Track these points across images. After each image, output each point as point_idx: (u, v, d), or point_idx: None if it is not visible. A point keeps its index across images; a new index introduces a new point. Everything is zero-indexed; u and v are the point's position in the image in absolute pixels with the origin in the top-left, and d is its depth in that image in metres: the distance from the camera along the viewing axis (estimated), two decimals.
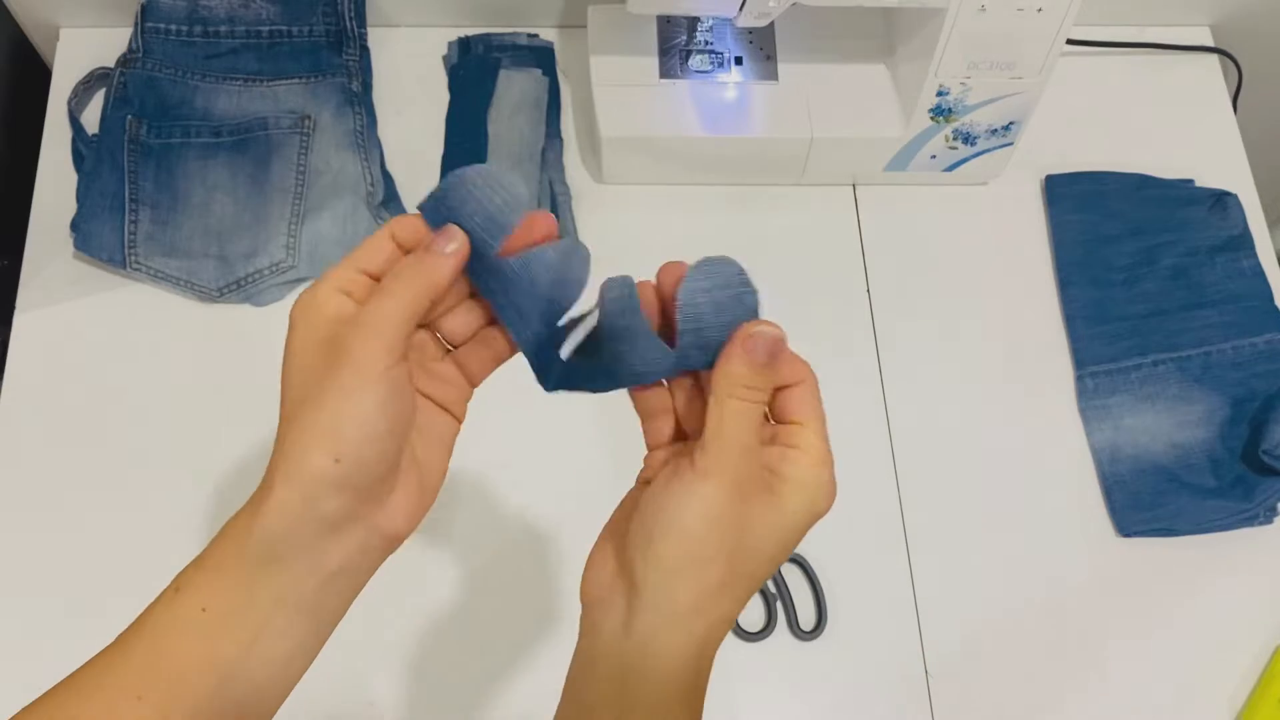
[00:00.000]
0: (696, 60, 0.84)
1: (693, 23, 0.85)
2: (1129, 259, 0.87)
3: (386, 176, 0.87)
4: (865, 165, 0.88)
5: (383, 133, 0.88)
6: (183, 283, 0.81)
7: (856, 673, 0.74)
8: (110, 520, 0.75)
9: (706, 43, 0.85)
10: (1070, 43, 0.83)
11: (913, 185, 0.90)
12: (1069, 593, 0.78)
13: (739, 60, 0.85)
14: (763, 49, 0.85)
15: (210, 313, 0.82)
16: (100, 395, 0.79)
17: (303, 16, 0.88)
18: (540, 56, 0.91)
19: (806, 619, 0.75)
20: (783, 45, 0.85)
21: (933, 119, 0.82)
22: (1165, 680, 0.75)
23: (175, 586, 0.39)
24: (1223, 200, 0.89)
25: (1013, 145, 0.86)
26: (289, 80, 0.88)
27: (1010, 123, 0.83)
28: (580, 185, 0.88)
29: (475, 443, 0.78)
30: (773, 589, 0.76)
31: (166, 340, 0.81)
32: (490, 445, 0.79)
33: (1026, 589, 0.77)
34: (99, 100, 0.87)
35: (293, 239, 0.83)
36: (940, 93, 0.80)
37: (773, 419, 0.43)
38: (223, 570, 0.39)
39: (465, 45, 0.91)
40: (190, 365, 0.79)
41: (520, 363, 0.45)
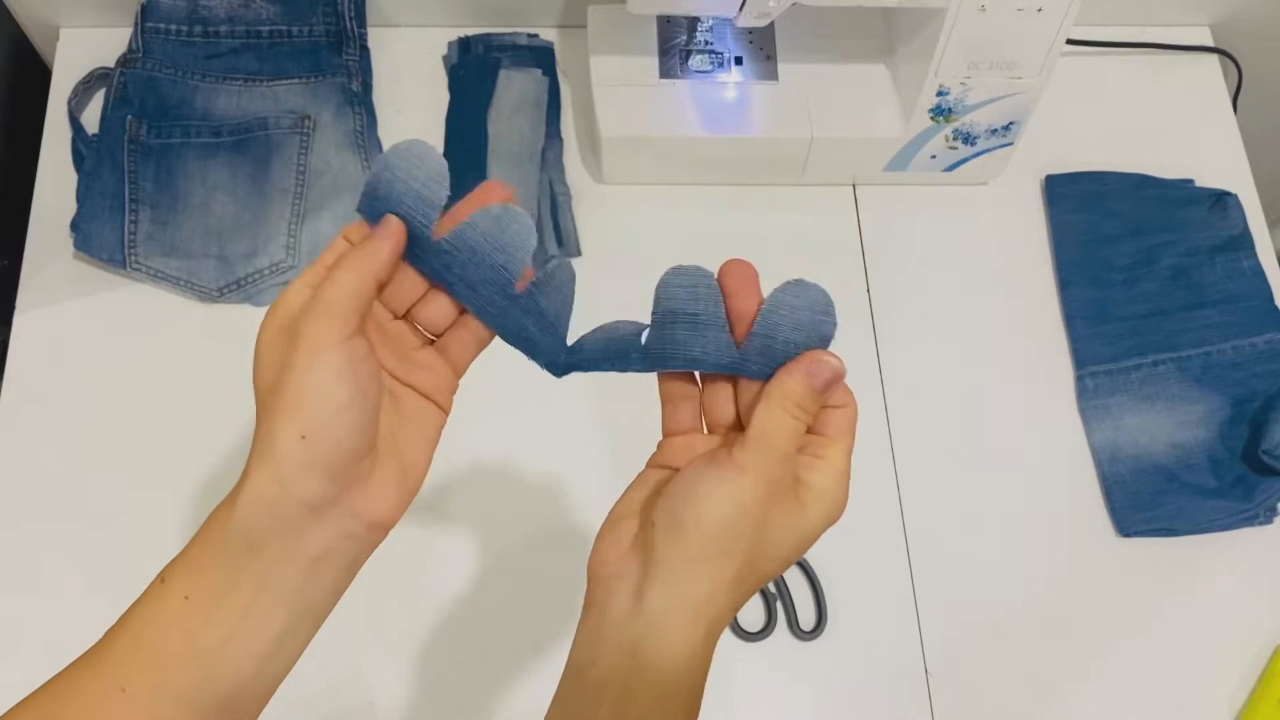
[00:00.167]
0: (696, 60, 0.84)
1: (693, 23, 0.85)
2: (1129, 259, 0.87)
3: None
4: (865, 165, 0.88)
5: (383, 133, 0.88)
6: (183, 283, 0.81)
7: (856, 673, 0.74)
8: (110, 520, 0.75)
9: (706, 43, 0.85)
10: (1070, 43, 0.83)
11: (913, 185, 0.90)
12: (1069, 593, 0.78)
13: (739, 60, 0.85)
14: (763, 49, 0.85)
15: (210, 313, 0.82)
16: (100, 395, 0.79)
17: (303, 16, 0.88)
18: (540, 56, 0.91)
19: (806, 619, 0.75)
20: (783, 45, 0.85)
21: (933, 119, 0.82)
22: (1165, 680, 0.75)
23: (161, 578, 0.40)
24: (1223, 200, 0.89)
25: (1013, 145, 0.86)
26: (289, 80, 0.88)
27: (1010, 123, 0.83)
28: (580, 185, 0.88)
29: (475, 443, 0.79)
30: (773, 589, 0.76)
31: (166, 340, 0.81)
32: (490, 446, 0.79)
33: (1026, 589, 0.77)
34: (99, 100, 0.87)
35: (293, 239, 0.83)
36: (940, 93, 0.80)
37: (808, 430, 0.45)
38: (205, 559, 0.39)
39: (465, 45, 0.91)
40: (190, 365, 0.79)
41: (521, 356, 0.45)
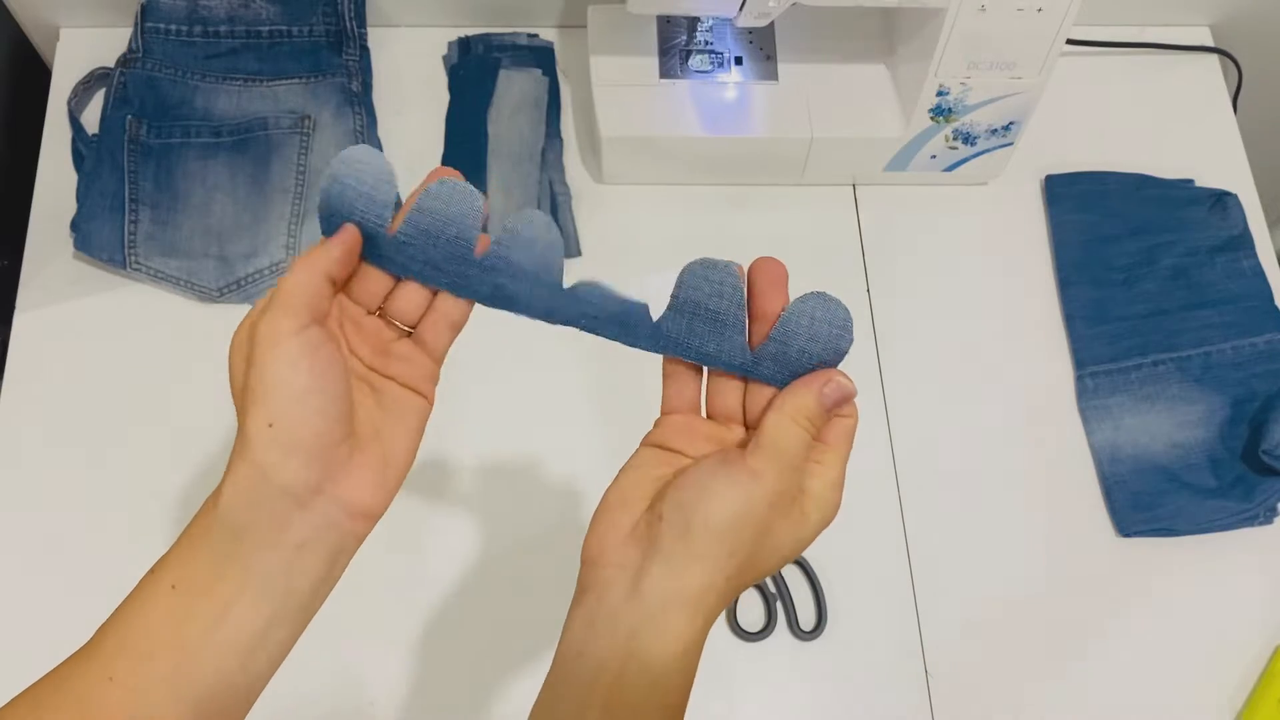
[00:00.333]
0: (696, 60, 0.84)
1: (693, 23, 0.85)
2: (1129, 259, 0.87)
3: None
4: (865, 165, 0.88)
5: (383, 133, 0.88)
6: (183, 283, 0.81)
7: (856, 673, 0.74)
8: (110, 520, 0.75)
9: (706, 43, 0.85)
10: (1070, 43, 0.83)
11: (913, 185, 0.90)
12: (1069, 593, 0.78)
13: (739, 60, 0.85)
14: (763, 49, 0.85)
15: (210, 313, 0.82)
16: (100, 395, 0.79)
17: (303, 16, 0.88)
18: (540, 56, 0.91)
19: (806, 619, 0.75)
20: (783, 45, 0.85)
21: (933, 119, 0.82)
22: (1165, 680, 0.75)
23: (152, 570, 0.41)
24: (1223, 200, 0.89)
25: (1013, 145, 0.86)
26: (289, 80, 0.88)
27: (1010, 123, 0.83)
28: (580, 185, 0.88)
29: (470, 439, 0.79)
30: (772, 589, 0.76)
31: (166, 340, 0.81)
32: (485, 441, 0.79)
33: (1026, 588, 0.77)
34: (99, 100, 0.87)
35: (293, 239, 0.83)
36: (940, 93, 0.80)
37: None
38: (192, 550, 0.41)
39: (465, 45, 0.91)
40: (190, 365, 0.79)
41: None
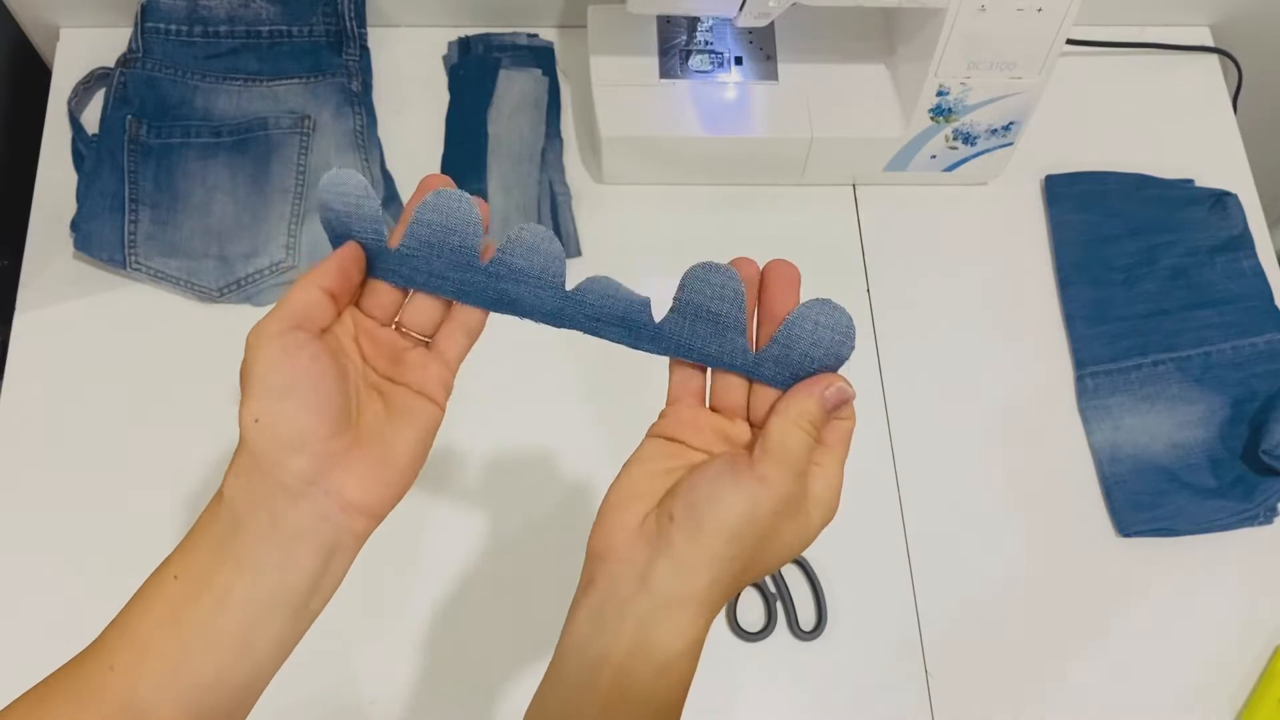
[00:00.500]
0: (696, 60, 0.84)
1: (693, 23, 0.85)
2: (1129, 259, 0.87)
3: (386, 176, 0.87)
4: (865, 165, 0.88)
5: (383, 133, 0.88)
6: (183, 283, 0.81)
7: (856, 673, 0.74)
8: (110, 520, 0.75)
9: (706, 43, 0.85)
10: (1070, 43, 0.83)
11: (913, 185, 0.90)
12: (1069, 593, 0.78)
13: (739, 60, 0.85)
14: (763, 49, 0.85)
15: (210, 313, 0.82)
16: (100, 395, 0.79)
17: (303, 16, 0.88)
18: (540, 56, 0.91)
19: (806, 619, 0.75)
20: (783, 45, 0.85)
21: (933, 119, 0.82)
22: (1165, 680, 0.75)
23: (161, 563, 0.42)
24: (1223, 200, 0.89)
25: (1013, 145, 0.86)
26: (289, 80, 0.88)
27: (1010, 123, 0.83)
28: (580, 185, 0.88)
29: (473, 442, 0.79)
30: (772, 589, 0.76)
31: (166, 340, 0.81)
32: (489, 443, 0.79)
33: (1026, 588, 0.77)
34: (99, 100, 0.87)
35: (293, 239, 0.83)
36: (940, 93, 0.80)
37: None
38: (196, 541, 0.42)
39: (465, 45, 0.91)
40: (190, 365, 0.79)
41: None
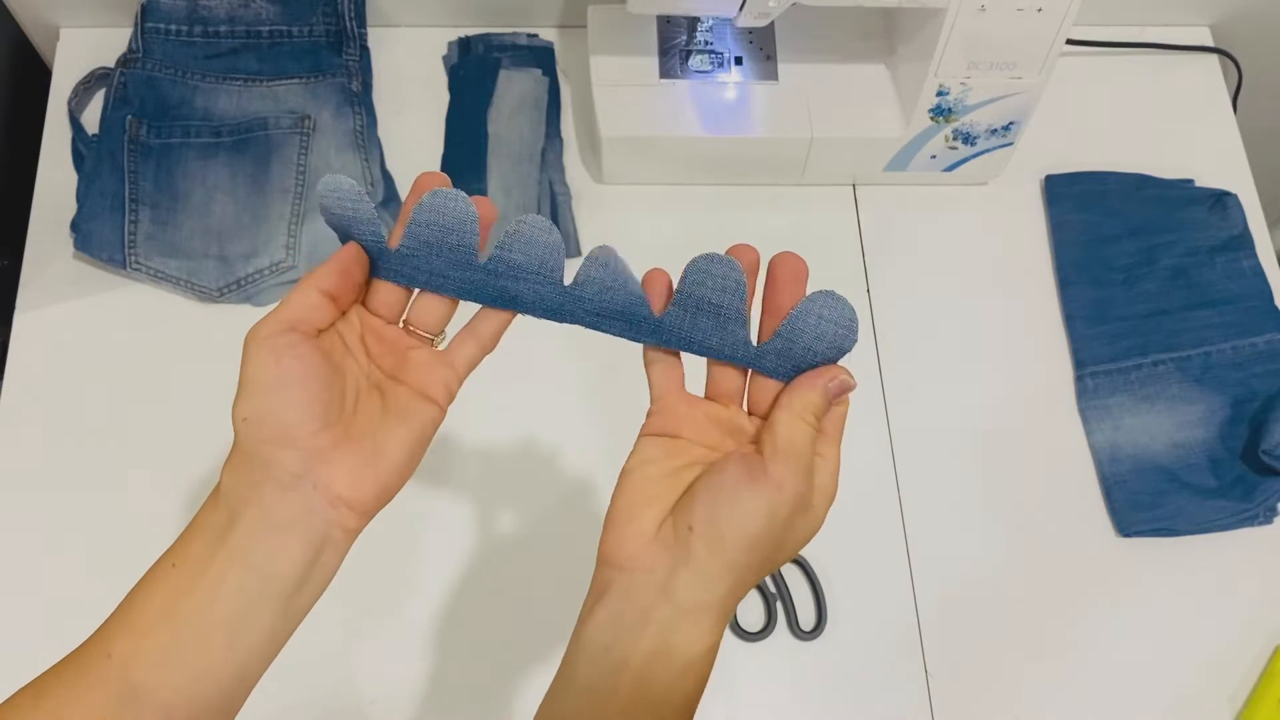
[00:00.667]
0: (696, 60, 0.84)
1: (693, 23, 0.85)
2: (1129, 259, 0.87)
3: (386, 176, 0.87)
4: (865, 165, 0.88)
5: (383, 133, 0.88)
6: (183, 283, 0.81)
7: (856, 673, 0.74)
8: (110, 520, 0.75)
9: (706, 43, 0.85)
10: (1070, 43, 0.83)
11: (913, 185, 0.90)
12: (1069, 593, 0.78)
13: (739, 60, 0.85)
14: (763, 49, 0.85)
15: (210, 313, 0.82)
16: (100, 395, 0.79)
17: (303, 16, 0.88)
18: (540, 56, 0.91)
19: (806, 619, 0.75)
20: (783, 45, 0.85)
21: (933, 119, 0.82)
22: (1165, 680, 0.75)
23: (165, 551, 0.43)
24: (1223, 200, 0.89)
25: (1013, 145, 0.86)
26: (289, 80, 0.88)
27: (1010, 123, 0.83)
28: (580, 185, 0.88)
29: (473, 441, 0.79)
30: (772, 589, 0.76)
31: (166, 340, 0.81)
32: (488, 441, 0.79)
33: (1026, 588, 0.77)
34: (99, 100, 0.87)
35: (293, 239, 0.83)
36: (940, 93, 0.80)
37: None
38: (195, 530, 0.43)
39: (465, 45, 0.91)
40: (190, 365, 0.79)
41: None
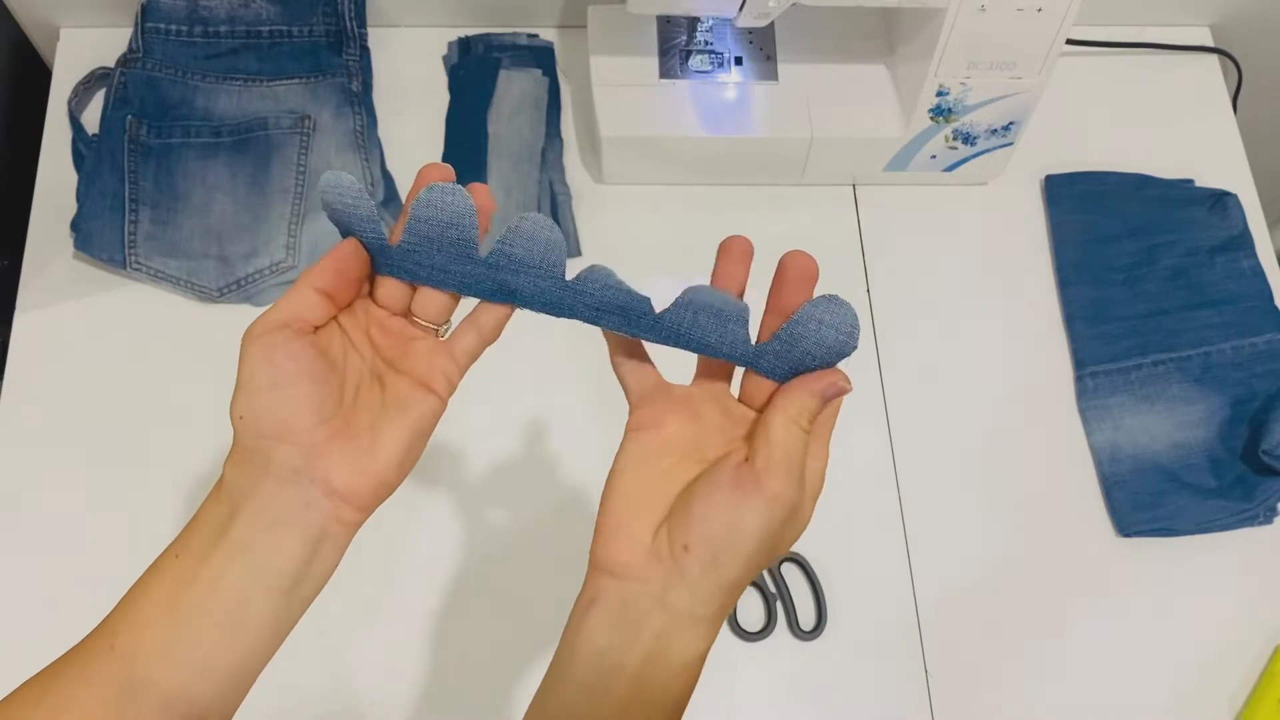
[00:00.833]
0: (696, 60, 0.84)
1: (693, 23, 0.85)
2: (1129, 259, 0.87)
3: (386, 176, 0.87)
4: (865, 165, 0.88)
5: (383, 133, 0.88)
6: (183, 283, 0.81)
7: (856, 673, 0.74)
8: (110, 520, 0.75)
9: (706, 43, 0.85)
10: (1070, 43, 0.83)
11: (913, 185, 0.90)
12: (1069, 593, 0.78)
13: (739, 60, 0.85)
14: (763, 49, 0.85)
15: (210, 313, 0.82)
16: (100, 395, 0.79)
17: (303, 16, 0.88)
18: (540, 56, 0.91)
19: (806, 619, 0.75)
20: (783, 45, 0.85)
21: (933, 119, 0.82)
22: (1165, 680, 0.75)
23: (169, 545, 0.43)
24: (1223, 200, 0.89)
25: (1013, 145, 0.86)
26: (289, 80, 0.88)
27: (1010, 123, 0.83)
28: (580, 185, 0.88)
29: (477, 443, 0.79)
30: (772, 589, 0.76)
31: (166, 340, 0.81)
32: (486, 442, 0.79)
33: (1026, 588, 0.77)
34: (99, 100, 0.87)
35: (293, 239, 0.83)
36: (940, 93, 0.80)
37: None
38: (198, 523, 0.43)
39: (465, 45, 0.91)
40: (190, 365, 0.79)
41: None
